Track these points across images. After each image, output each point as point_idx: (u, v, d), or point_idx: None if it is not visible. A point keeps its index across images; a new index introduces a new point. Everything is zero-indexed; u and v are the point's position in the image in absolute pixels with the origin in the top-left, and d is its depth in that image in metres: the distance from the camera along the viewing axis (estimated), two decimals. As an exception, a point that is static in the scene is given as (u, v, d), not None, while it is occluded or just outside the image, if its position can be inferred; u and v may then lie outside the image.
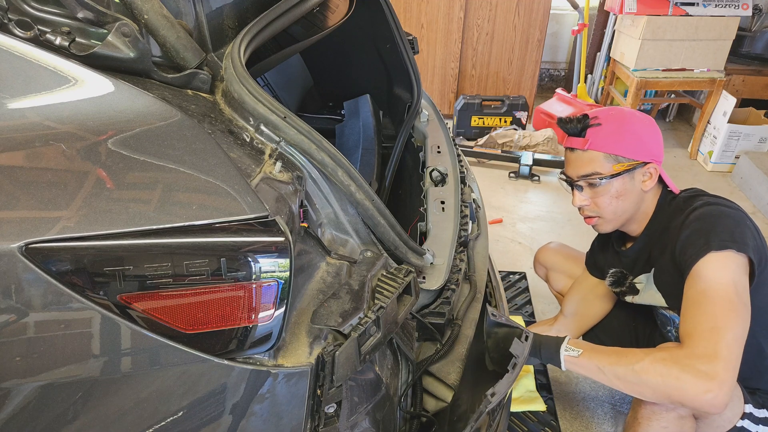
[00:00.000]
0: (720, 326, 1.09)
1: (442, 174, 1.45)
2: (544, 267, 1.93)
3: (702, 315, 1.13)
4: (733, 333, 1.09)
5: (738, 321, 1.10)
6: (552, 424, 1.71)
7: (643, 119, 1.33)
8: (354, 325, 0.79)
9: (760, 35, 3.79)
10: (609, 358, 1.18)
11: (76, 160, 0.68)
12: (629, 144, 1.30)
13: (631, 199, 1.35)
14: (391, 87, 1.85)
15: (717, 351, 1.07)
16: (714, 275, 1.15)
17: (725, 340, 1.08)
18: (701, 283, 1.16)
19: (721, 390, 1.04)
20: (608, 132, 1.30)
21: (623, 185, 1.32)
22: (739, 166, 3.38)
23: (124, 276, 0.64)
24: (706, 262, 1.16)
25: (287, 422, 0.77)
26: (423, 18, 3.93)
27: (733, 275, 1.14)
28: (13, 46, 0.72)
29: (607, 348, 1.22)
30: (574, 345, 1.24)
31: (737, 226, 1.19)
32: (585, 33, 3.92)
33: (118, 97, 0.75)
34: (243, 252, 0.69)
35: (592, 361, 1.19)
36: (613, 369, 1.16)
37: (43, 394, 0.64)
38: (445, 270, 1.16)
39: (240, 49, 0.92)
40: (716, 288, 1.13)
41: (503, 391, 0.95)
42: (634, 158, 1.30)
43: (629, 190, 1.33)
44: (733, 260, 1.15)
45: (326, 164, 0.88)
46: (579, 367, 1.22)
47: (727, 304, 1.11)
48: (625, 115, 1.32)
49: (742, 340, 1.10)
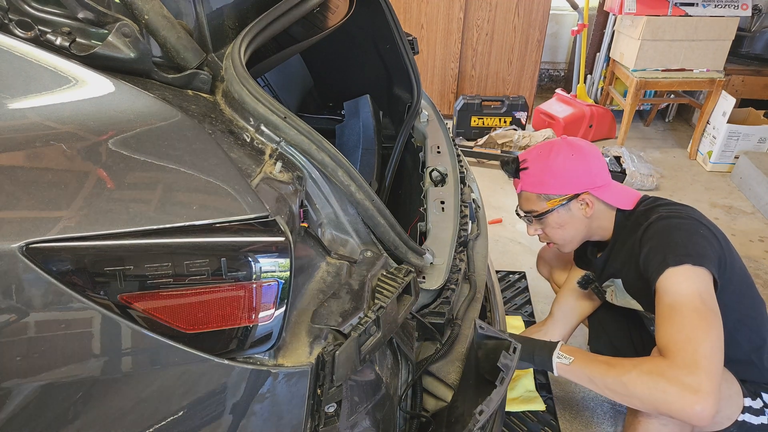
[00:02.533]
0: (693, 337, 1.11)
1: (441, 174, 1.45)
2: (549, 265, 1.94)
3: (674, 327, 1.15)
4: (710, 342, 1.10)
5: (710, 330, 1.12)
6: (551, 424, 1.72)
7: (570, 152, 1.38)
8: (354, 324, 0.79)
9: (760, 35, 3.79)
10: (599, 367, 1.19)
11: (77, 160, 0.68)
12: (555, 182, 1.39)
13: (576, 226, 1.44)
14: (391, 87, 1.85)
15: (697, 362, 1.08)
16: (677, 289, 1.17)
17: (702, 350, 1.09)
18: (667, 298, 1.18)
19: (707, 402, 1.06)
20: (534, 174, 1.41)
21: (561, 217, 1.42)
22: (738, 166, 3.39)
23: (125, 276, 0.64)
24: (666, 278, 1.19)
25: (287, 422, 0.78)
26: (423, 18, 3.93)
27: (696, 286, 1.16)
28: (13, 47, 0.72)
29: (598, 357, 1.24)
30: (567, 352, 1.26)
31: (690, 237, 1.22)
32: (584, 33, 3.92)
33: (118, 98, 0.75)
34: (243, 252, 0.69)
35: (583, 371, 1.22)
36: (604, 380, 1.18)
37: (44, 394, 0.64)
38: (445, 270, 1.16)
39: (240, 50, 0.92)
40: (682, 301, 1.16)
41: (492, 408, 0.96)
42: (562, 193, 1.39)
43: (570, 220, 1.43)
44: (692, 272, 1.18)
45: (326, 164, 0.88)
46: (571, 374, 1.24)
47: (696, 314, 1.13)
48: (551, 153, 1.39)
49: (719, 348, 1.11)
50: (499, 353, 1.10)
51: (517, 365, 1.27)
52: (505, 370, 1.03)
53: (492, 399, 0.96)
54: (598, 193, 1.39)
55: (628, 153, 3.38)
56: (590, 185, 1.39)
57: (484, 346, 1.20)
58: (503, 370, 1.02)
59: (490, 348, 1.20)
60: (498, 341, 1.18)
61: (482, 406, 0.95)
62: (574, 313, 1.76)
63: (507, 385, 1.03)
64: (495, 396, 0.97)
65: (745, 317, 1.32)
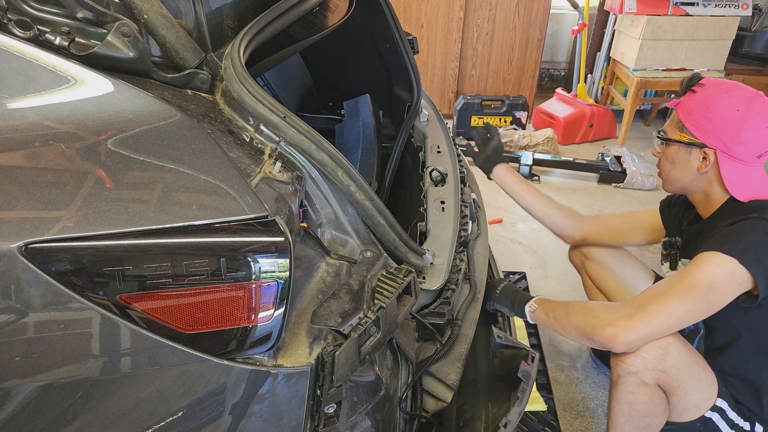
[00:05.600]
0: (666, 295, 1.15)
1: (441, 174, 1.45)
2: (584, 255, 1.78)
3: (661, 284, 1.20)
4: (673, 305, 1.14)
5: (687, 303, 1.14)
6: (552, 424, 1.71)
7: (742, 106, 1.22)
8: (354, 325, 0.79)
9: (760, 35, 3.79)
10: (556, 306, 1.32)
11: (76, 160, 0.68)
12: (698, 121, 1.27)
13: (684, 172, 1.33)
14: (391, 87, 1.85)
15: (646, 306, 1.14)
16: (701, 267, 1.17)
17: (660, 304, 1.14)
18: (687, 267, 1.19)
19: (624, 330, 1.14)
20: (694, 101, 1.28)
21: (678, 155, 1.33)
22: (739, 165, 3.38)
23: (124, 276, 0.64)
24: (706, 256, 1.18)
25: (287, 422, 0.77)
26: (423, 18, 3.93)
27: (718, 276, 1.15)
28: (12, 46, 0.72)
29: (562, 301, 1.35)
30: (538, 303, 1.38)
31: (762, 244, 1.17)
32: (585, 33, 3.92)
33: (117, 97, 0.75)
34: (243, 252, 0.69)
35: (544, 311, 1.34)
36: (554, 313, 1.30)
37: (43, 394, 0.64)
38: (445, 270, 1.16)
39: (240, 49, 0.92)
40: (692, 274, 1.16)
41: (516, 420, 0.96)
42: (695, 136, 1.28)
43: (683, 163, 1.32)
44: (730, 267, 1.15)
45: (326, 164, 0.88)
46: (536, 318, 1.37)
47: (690, 287, 1.15)
48: (726, 95, 1.25)
49: (677, 316, 1.15)
50: (516, 362, 1.11)
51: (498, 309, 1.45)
52: (525, 379, 1.03)
53: (515, 411, 0.97)
54: (723, 160, 1.26)
55: (628, 153, 3.38)
56: (723, 148, 1.25)
57: (500, 354, 1.21)
58: (524, 380, 1.02)
59: (507, 356, 1.21)
60: (515, 350, 1.19)
61: (507, 417, 0.95)
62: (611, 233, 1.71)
63: (529, 394, 1.03)
64: (518, 406, 0.98)
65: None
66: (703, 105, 1.26)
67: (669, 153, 1.35)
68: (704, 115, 1.25)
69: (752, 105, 1.22)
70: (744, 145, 1.23)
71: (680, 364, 1.21)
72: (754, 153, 1.24)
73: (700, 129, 1.26)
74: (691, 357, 1.25)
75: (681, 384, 1.23)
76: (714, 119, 1.24)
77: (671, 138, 1.33)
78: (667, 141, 1.34)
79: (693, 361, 1.25)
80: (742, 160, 1.25)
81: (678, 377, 1.22)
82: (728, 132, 1.23)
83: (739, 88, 1.26)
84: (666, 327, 1.17)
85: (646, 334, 1.16)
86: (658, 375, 1.21)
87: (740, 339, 1.31)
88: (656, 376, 1.21)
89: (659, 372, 1.21)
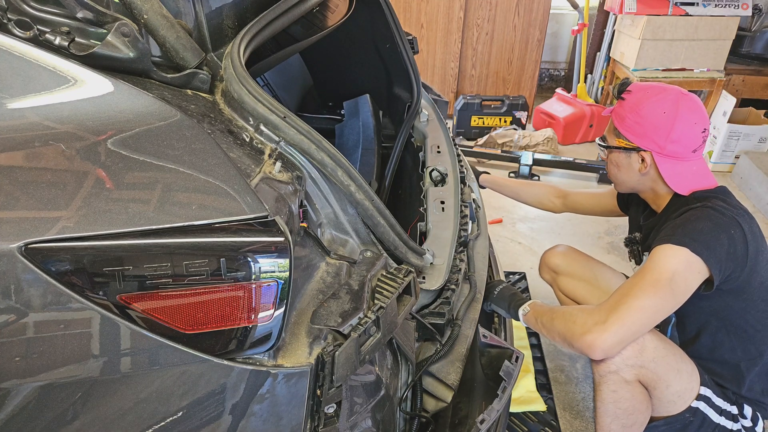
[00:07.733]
0: (632, 295, 1.19)
1: (441, 174, 1.45)
2: (553, 271, 1.91)
3: (626, 284, 1.22)
4: (641, 303, 1.17)
5: (653, 298, 1.17)
6: (552, 424, 1.71)
7: (668, 108, 1.28)
8: (354, 325, 0.79)
9: (760, 35, 3.79)
10: (544, 310, 1.34)
11: (76, 160, 0.68)
12: (631, 126, 1.33)
13: (629, 174, 1.40)
14: (390, 87, 1.85)
15: (617, 308, 1.18)
16: (658, 261, 1.21)
17: (630, 304, 1.17)
18: (645, 265, 1.23)
19: (601, 336, 1.17)
20: (625, 107, 1.35)
21: (619, 159, 1.40)
22: (738, 165, 3.38)
23: (124, 276, 0.64)
24: (659, 249, 1.22)
25: (287, 422, 0.77)
26: (423, 18, 3.93)
27: (676, 267, 1.19)
28: (12, 46, 0.72)
29: (552, 306, 1.36)
30: (531, 306, 1.39)
31: (712, 231, 1.21)
32: (585, 33, 3.92)
33: (117, 97, 0.75)
34: (243, 252, 0.69)
35: (534, 315, 1.36)
36: (542, 319, 1.32)
37: (43, 394, 0.64)
38: (445, 270, 1.16)
39: (239, 49, 0.92)
40: (652, 270, 1.20)
41: (493, 417, 0.96)
42: (631, 141, 1.35)
43: (626, 167, 1.39)
44: (684, 257, 1.19)
45: (326, 164, 0.88)
46: (527, 322, 1.38)
47: (653, 283, 1.18)
48: (652, 98, 1.30)
49: (647, 313, 1.18)
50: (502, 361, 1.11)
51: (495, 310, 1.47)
52: (507, 378, 1.03)
53: (494, 408, 0.97)
54: (660, 160, 1.32)
55: (628, 153, 3.38)
56: (658, 149, 1.31)
57: (487, 353, 1.22)
58: (505, 379, 1.03)
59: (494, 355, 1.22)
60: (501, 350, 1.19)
61: (484, 414, 0.96)
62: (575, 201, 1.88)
63: (509, 393, 1.03)
64: (497, 405, 0.98)
65: (748, 326, 1.32)
66: (633, 111, 1.33)
67: (612, 158, 1.42)
68: (635, 121, 1.32)
69: (679, 105, 1.28)
70: (677, 144, 1.29)
71: (658, 357, 1.25)
72: (688, 149, 1.31)
73: (634, 134, 1.34)
74: (668, 349, 1.28)
75: (661, 377, 1.26)
76: (644, 123, 1.31)
77: (610, 145, 1.40)
78: (607, 148, 1.42)
79: (670, 353, 1.28)
80: (678, 157, 1.31)
81: (657, 370, 1.25)
82: (659, 134, 1.30)
83: (664, 90, 1.32)
84: (639, 326, 1.20)
85: (621, 336, 1.19)
86: (638, 371, 1.24)
87: (709, 324, 1.35)
88: (636, 372, 1.25)
89: (638, 368, 1.24)
